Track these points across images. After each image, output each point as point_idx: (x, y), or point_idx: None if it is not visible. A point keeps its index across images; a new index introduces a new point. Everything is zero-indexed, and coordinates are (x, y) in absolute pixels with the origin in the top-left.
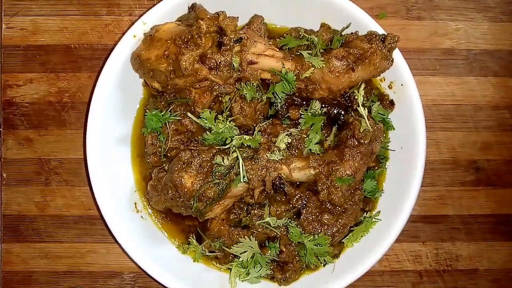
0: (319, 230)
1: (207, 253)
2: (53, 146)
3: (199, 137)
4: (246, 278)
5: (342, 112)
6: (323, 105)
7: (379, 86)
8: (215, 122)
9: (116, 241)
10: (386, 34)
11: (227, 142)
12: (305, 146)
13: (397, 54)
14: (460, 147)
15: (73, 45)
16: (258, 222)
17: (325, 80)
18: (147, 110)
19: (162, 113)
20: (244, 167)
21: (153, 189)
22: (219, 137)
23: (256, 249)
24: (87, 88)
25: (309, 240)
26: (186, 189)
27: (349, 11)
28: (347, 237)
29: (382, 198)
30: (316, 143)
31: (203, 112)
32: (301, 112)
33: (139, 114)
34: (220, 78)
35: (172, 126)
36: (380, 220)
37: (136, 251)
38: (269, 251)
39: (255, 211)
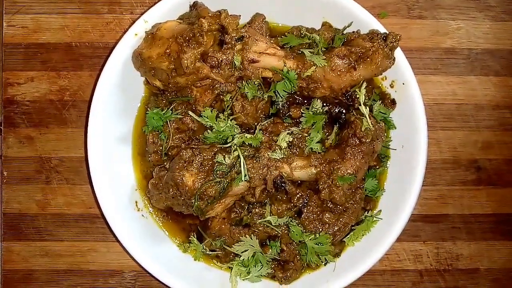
0: (320, 229)
1: (208, 252)
2: (54, 144)
3: (200, 135)
4: (247, 277)
5: (344, 111)
6: (325, 104)
7: (380, 85)
8: (216, 120)
9: (117, 240)
10: (387, 33)
11: (228, 141)
12: (307, 145)
13: (398, 53)
14: (461, 147)
15: (74, 43)
16: (259, 220)
17: (327, 78)
18: (148, 109)
19: (163, 112)
20: (245, 166)
21: (154, 188)
22: (220, 135)
23: (257, 248)
24: (88, 87)
25: (310, 239)
26: (187, 188)
27: (351, 10)
28: (348, 236)
29: (383, 197)
30: (318, 142)
31: (204, 111)
32: (302, 111)
33: (140, 112)
34: (221, 76)
35: (173, 124)
36: (381, 219)
37: (136, 249)
38: (270, 250)
39: (256, 209)
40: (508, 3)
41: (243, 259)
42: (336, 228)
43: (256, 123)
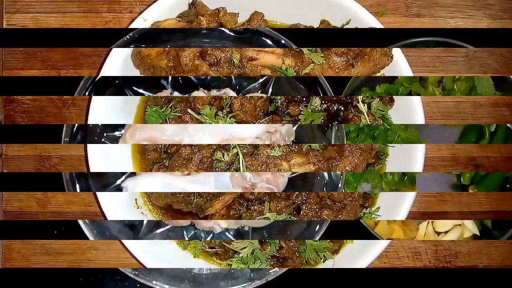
0: None
1: (207, 249)
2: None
3: None
4: None
5: (342, 108)
6: (323, 102)
7: None
8: (215, 118)
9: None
10: None
11: None
12: None
13: (396, 51)
14: (460, 144)
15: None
16: (258, 217)
17: (325, 76)
18: (147, 107)
19: (163, 110)
20: (244, 163)
21: None
22: None
23: (256, 245)
24: None
25: None
26: None
27: (349, 8)
28: None
29: (382, 194)
30: None
31: (203, 109)
32: (301, 109)
33: (140, 110)
34: (220, 74)
35: (173, 122)
36: (380, 216)
37: (136, 247)
38: (269, 247)
39: (255, 207)
40: (507, 1)
41: (242, 256)
42: None
43: (255, 121)
